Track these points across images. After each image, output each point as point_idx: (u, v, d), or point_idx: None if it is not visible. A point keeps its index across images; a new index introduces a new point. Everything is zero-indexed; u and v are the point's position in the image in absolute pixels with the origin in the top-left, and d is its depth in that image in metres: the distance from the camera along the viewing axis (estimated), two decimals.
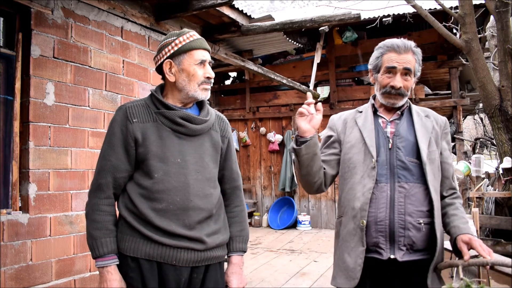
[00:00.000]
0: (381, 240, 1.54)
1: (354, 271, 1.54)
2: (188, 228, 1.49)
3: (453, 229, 1.57)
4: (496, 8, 4.13)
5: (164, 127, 1.53)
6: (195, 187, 1.52)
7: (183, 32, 1.57)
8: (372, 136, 1.63)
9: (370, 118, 1.69)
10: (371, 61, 1.71)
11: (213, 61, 1.65)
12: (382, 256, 1.55)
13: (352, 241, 1.58)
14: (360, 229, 1.55)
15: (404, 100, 1.67)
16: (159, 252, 1.47)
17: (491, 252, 1.42)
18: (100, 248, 1.46)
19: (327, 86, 7.77)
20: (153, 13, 3.61)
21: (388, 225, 1.54)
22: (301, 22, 4.15)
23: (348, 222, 1.61)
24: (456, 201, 1.66)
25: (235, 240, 1.68)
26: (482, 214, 4.48)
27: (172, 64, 1.55)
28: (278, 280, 4.26)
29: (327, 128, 1.84)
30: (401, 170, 1.58)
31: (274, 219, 7.92)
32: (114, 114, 1.57)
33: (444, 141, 1.70)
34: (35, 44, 2.63)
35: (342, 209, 1.68)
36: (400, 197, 1.55)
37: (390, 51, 1.63)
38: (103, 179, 1.51)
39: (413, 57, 1.64)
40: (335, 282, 1.62)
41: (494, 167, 5.37)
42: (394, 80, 1.62)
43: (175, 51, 1.54)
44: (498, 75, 4.46)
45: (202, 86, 1.55)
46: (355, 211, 1.58)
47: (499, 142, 4.44)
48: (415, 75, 1.67)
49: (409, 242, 1.54)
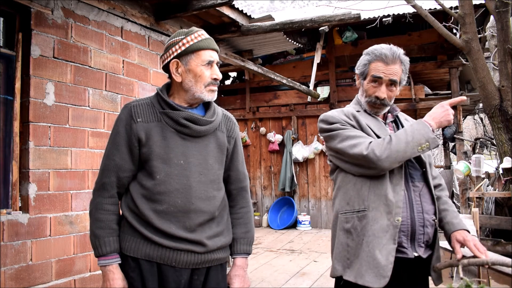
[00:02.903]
0: (403, 239, 1.54)
1: (385, 268, 1.47)
2: (188, 230, 1.48)
3: (446, 225, 1.60)
4: (496, 8, 4.13)
5: (168, 127, 1.51)
6: (198, 189, 1.50)
7: (191, 31, 1.54)
8: (385, 133, 1.61)
9: (371, 117, 1.70)
10: (359, 66, 1.72)
11: (221, 62, 1.62)
12: (408, 255, 1.54)
13: (384, 238, 1.50)
14: (394, 226, 1.50)
15: (387, 109, 1.71)
16: (159, 254, 1.46)
17: (486, 251, 1.44)
18: (103, 247, 1.46)
19: (327, 86, 7.77)
20: (153, 13, 3.61)
21: (410, 224, 1.54)
22: (301, 22, 4.15)
23: (381, 217, 1.52)
24: (443, 194, 1.69)
25: (239, 242, 1.65)
26: (482, 214, 4.48)
27: (179, 64, 1.52)
28: (278, 280, 4.26)
29: (326, 124, 1.68)
30: (412, 170, 1.61)
31: (274, 219, 7.92)
32: (119, 113, 1.56)
33: None
34: (35, 44, 2.63)
35: (365, 203, 1.55)
36: (416, 196, 1.58)
37: (378, 60, 1.63)
38: (107, 178, 1.51)
39: (400, 67, 1.64)
40: (362, 280, 1.49)
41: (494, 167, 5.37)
42: (379, 91, 1.63)
43: (182, 51, 1.50)
44: (498, 75, 4.46)
45: (208, 88, 1.52)
46: (389, 207, 1.51)
47: (499, 142, 4.44)
48: (401, 84, 1.68)
49: (427, 239, 1.57)
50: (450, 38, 4.29)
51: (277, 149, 8.11)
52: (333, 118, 1.67)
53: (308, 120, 7.96)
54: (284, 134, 8.07)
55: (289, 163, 7.81)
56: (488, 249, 1.57)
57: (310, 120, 7.95)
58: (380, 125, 1.66)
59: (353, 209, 1.59)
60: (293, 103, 8.04)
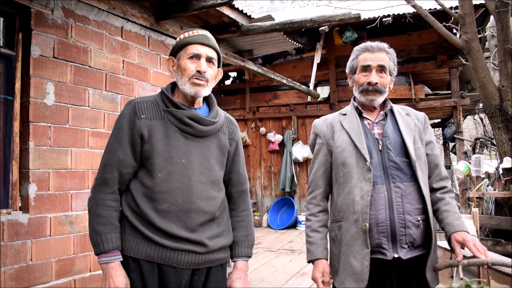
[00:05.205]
0: (383, 240, 1.56)
1: (362, 273, 1.55)
2: (189, 230, 1.47)
3: (447, 226, 1.59)
4: (496, 8, 4.13)
5: (172, 126, 1.50)
6: (199, 189, 1.50)
7: (189, 29, 1.56)
8: (362, 139, 1.64)
9: (356, 120, 1.70)
10: (348, 65, 1.77)
11: (217, 59, 1.57)
12: (387, 256, 1.57)
13: (356, 245, 1.58)
14: (363, 232, 1.57)
15: (382, 97, 1.70)
16: (159, 254, 1.45)
17: (485, 251, 1.43)
18: (105, 244, 1.42)
19: (327, 86, 7.77)
20: (153, 13, 3.61)
21: (389, 225, 1.56)
22: (301, 22, 4.15)
23: (350, 226, 1.61)
24: (446, 196, 1.67)
25: (240, 245, 1.65)
26: (482, 214, 4.47)
27: (174, 61, 1.55)
28: (278, 280, 4.26)
29: (312, 134, 1.82)
30: (394, 171, 1.61)
31: (274, 219, 7.92)
32: (123, 109, 1.54)
33: (427, 134, 1.74)
34: (35, 44, 2.63)
35: (340, 213, 1.67)
36: (397, 197, 1.58)
37: (364, 51, 1.70)
38: (109, 174, 1.48)
39: (387, 56, 1.69)
40: (343, 286, 1.61)
41: (494, 167, 5.37)
42: (370, 77, 1.66)
43: (174, 47, 1.54)
44: (498, 75, 4.46)
45: (191, 80, 1.50)
46: (356, 215, 1.59)
47: (499, 142, 4.44)
48: (391, 73, 1.71)
49: (410, 240, 1.57)
50: (450, 38, 4.29)
51: (277, 149, 8.11)
52: (314, 128, 1.81)
53: (308, 120, 7.96)
54: (284, 134, 8.07)
55: (289, 163, 7.81)
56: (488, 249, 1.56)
57: (310, 120, 7.95)
58: (358, 130, 1.66)
59: (334, 219, 1.72)
60: (293, 103, 8.04)
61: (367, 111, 1.74)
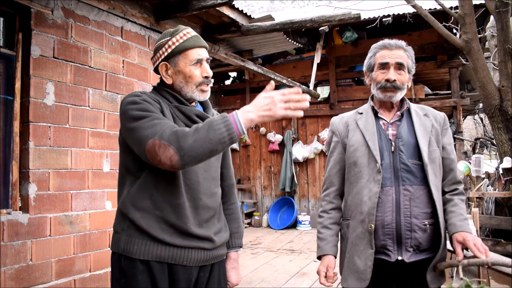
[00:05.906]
0: (388, 242, 1.57)
1: (364, 273, 1.58)
2: (199, 226, 1.48)
3: (449, 226, 1.59)
4: (496, 8, 4.12)
5: (180, 122, 1.48)
6: (204, 185, 1.51)
7: (177, 30, 1.50)
8: (375, 139, 1.64)
9: (371, 120, 1.69)
10: (365, 63, 1.76)
11: (211, 58, 1.60)
12: (390, 258, 1.58)
13: (361, 244, 1.60)
14: (368, 232, 1.58)
15: (401, 94, 1.68)
16: (170, 254, 1.44)
17: (487, 251, 1.42)
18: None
19: (327, 86, 7.77)
20: (153, 13, 3.61)
21: (395, 228, 1.57)
22: (301, 22, 4.15)
23: (357, 226, 1.63)
24: (456, 197, 1.65)
25: (233, 237, 1.69)
26: (482, 214, 4.47)
27: (168, 66, 1.50)
28: (278, 280, 4.26)
29: (329, 132, 1.85)
30: (405, 173, 1.60)
31: (274, 219, 7.92)
32: (130, 98, 1.42)
33: (445, 137, 1.71)
34: (35, 44, 2.63)
35: (349, 212, 1.69)
36: (405, 200, 1.58)
37: (382, 49, 1.69)
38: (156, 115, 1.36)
39: (405, 54, 1.68)
40: (346, 283, 1.65)
41: (494, 167, 5.37)
42: (388, 74, 1.65)
43: (169, 53, 1.48)
44: (498, 75, 4.46)
45: (200, 88, 1.50)
46: (363, 215, 1.61)
47: (499, 142, 4.44)
48: (410, 71, 1.69)
49: (416, 244, 1.57)
50: (450, 38, 4.29)
51: (277, 149, 8.11)
52: (331, 126, 1.83)
53: (308, 120, 7.96)
54: (284, 134, 8.07)
55: (289, 163, 7.81)
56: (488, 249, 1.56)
57: (310, 120, 7.95)
58: (373, 130, 1.66)
59: (344, 217, 1.75)
60: None
61: (384, 111, 1.72)
